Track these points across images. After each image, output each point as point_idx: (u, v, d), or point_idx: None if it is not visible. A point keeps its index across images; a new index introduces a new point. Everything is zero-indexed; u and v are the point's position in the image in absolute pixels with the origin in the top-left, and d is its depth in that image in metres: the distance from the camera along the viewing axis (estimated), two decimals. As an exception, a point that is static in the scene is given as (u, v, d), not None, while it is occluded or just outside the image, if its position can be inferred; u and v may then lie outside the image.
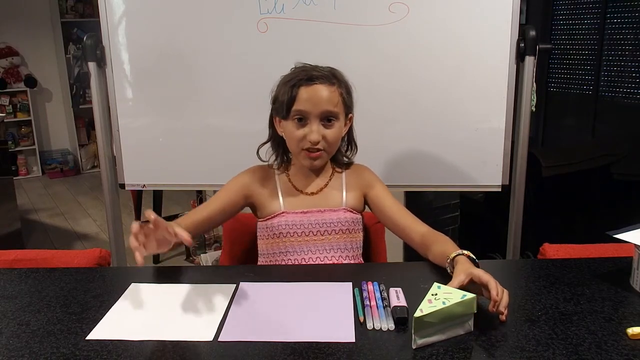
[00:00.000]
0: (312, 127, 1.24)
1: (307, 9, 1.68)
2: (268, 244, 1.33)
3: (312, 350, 0.86)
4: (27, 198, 4.61)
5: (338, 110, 1.26)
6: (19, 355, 0.88)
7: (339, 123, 1.27)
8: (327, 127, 1.25)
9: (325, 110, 1.24)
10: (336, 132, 1.27)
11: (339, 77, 1.28)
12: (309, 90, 1.23)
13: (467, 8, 1.66)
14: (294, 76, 1.26)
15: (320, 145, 1.25)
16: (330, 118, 1.25)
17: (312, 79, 1.24)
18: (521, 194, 1.78)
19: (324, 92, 1.23)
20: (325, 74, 1.26)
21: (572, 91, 4.02)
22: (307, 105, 1.23)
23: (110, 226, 1.93)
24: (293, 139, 1.26)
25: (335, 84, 1.26)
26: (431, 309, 0.86)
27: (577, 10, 3.92)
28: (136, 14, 1.76)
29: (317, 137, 1.23)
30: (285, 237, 1.30)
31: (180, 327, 0.95)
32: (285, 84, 1.26)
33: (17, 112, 5.15)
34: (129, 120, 1.82)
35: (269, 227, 1.32)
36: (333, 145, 1.28)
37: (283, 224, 1.30)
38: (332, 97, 1.24)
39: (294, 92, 1.24)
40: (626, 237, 1.04)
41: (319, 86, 1.24)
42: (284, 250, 1.30)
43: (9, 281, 1.15)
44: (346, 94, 1.28)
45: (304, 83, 1.24)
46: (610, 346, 0.86)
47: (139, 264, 0.95)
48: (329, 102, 1.23)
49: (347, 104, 1.29)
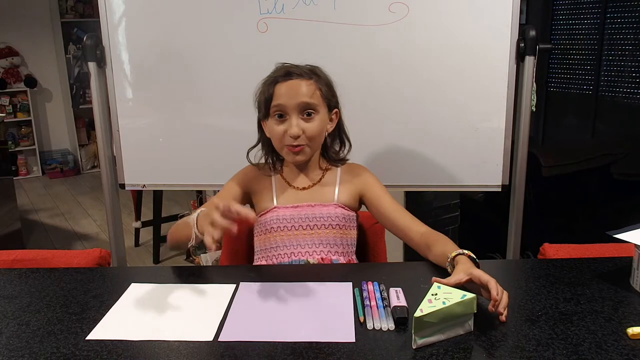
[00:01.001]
0: (291, 122, 1.24)
1: (307, 9, 1.68)
2: (261, 240, 1.34)
3: (312, 350, 0.86)
4: (27, 198, 4.61)
5: (316, 102, 1.26)
6: (19, 355, 0.88)
7: (320, 116, 1.27)
8: (307, 121, 1.25)
9: (301, 102, 1.24)
10: (317, 126, 1.27)
11: (317, 72, 1.30)
12: (286, 85, 1.25)
13: (467, 8, 1.66)
14: (271, 75, 1.29)
15: (301, 139, 1.25)
16: (310, 111, 1.25)
17: (288, 74, 1.26)
18: (521, 194, 1.78)
19: (301, 85, 1.25)
20: (303, 70, 1.27)
21: (572, 91, 4.02)
22: (284, 99, 1.24)
23: (110, 226, 1.93)
24: (275, 135, 1.28)
25: (313, 78, 1.27)
26: (431, 309, 0.86)
27: (577, 10, 3.92)
28: (136, 14, 1.76)
29: (296, 131, 1.24)
30: (275, 231, 1.31)
31: (180, 327, 0.95)
32: (264, 84, 1.29)
33: (17, 112, 5.15)
34: (129, 120, 1.82)
35: (261, 224, 1.33)
36: (315, 140, 1.28)
37: (274, 219, 1.31)
38: (309, 90, 1.25)
39: (271, 90, 1.26)
40: (626, 237, 1.04)
41: (295, 80, 1.25)
42: (274, 245, 1.31)
43: (9, 281, 1.15)
44: (325, 88, 1.29)
45: (280, 79, 1.26)
46: (610, 346, 0.86)
47: (212, 249, 0.99)
48: (305, 95, 1.24)
49: (327, 97, 1.29)
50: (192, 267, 1.26)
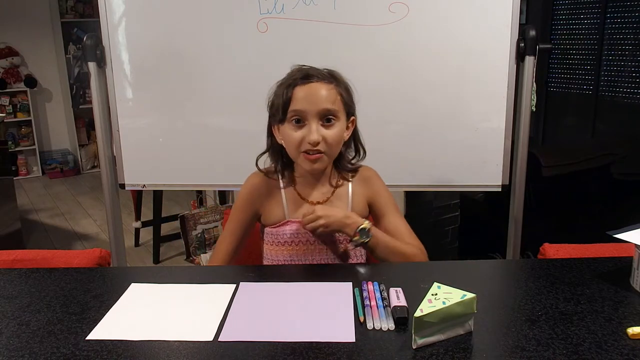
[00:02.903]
0: (310, 128, 1.17)
1: (307, 9, 1.68)
2: (273, 250, 1.31)
3: (312, 350, 0.86)
4: (27, 198, 4.61)
5: (337, 109, 1.19)
6: (19, 355, 0.88)
7: (340, 123, 1.20)
8: (327, 128, 1.18)
9: (323, 109, 1.17)
10: (337, 133, 1.20)
11: (337, 77, 1.23)
12: (305, 89, 1.18)
13: (467, 8, 1.66)
14: (289, 77, 1.21)
15: (320, 146, 1.18)
16: (330, 118, 1.18)
17: (308, 77, 1.19)
18: (521, 194, 1.78)
19: (322, 89, 1.18)
20: (322, 73, 1.21)
21: (572, 91, 4.02)
22: (304, 104, 1.17)
23: (110, 226, 1.93)
24: (291, 142, 1.20)
25: (334, 82, 1.20)
26: (431, 309, 0.85)
27: (577, 10, 3.92)
28: (136, 14, 1.76)
29: (316, 138, 1.16)
30: (290, 245, 1.28)
31: (180, 327, 0.95)
32: (280, 86, 1.21)
33: (17, 112, 5.15)
34: (129, 120, 1.82)
35: (274, 234, 1.29)
36: (334, 147, 1.21)
37: (288, 233, 1.28)
38: (330, 95, 1.18)
39: (289, 93, 1.18)
40: (626, 237, 1.04)
41: (316, 84, 1.18)
42: (288, 259, 1.29)
43: (9, 281, 1.15)
44: (346, 94, 1.22)
45: (299, 82, 1.18)
46: (610, 346, 0.86)
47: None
48: (327, 100, 1.17)
49: (347, 104, 1.22)
50: (192, 267, 1.26)
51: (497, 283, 1.15)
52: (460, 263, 1.26)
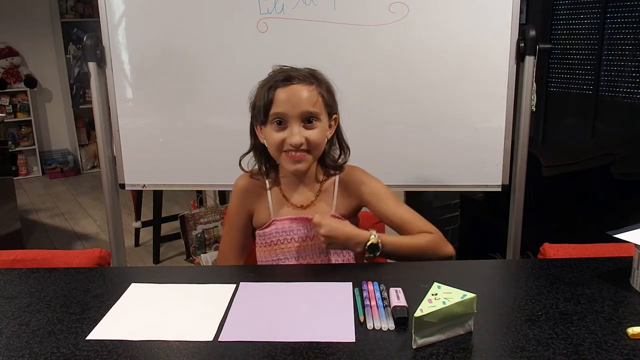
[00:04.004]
0: (292, 130, 1.18)
1: (307, 9, 1.68)
2: (265, 251, 1.31)
3: (312, 350, 0.86)
4: (27, 198, 4.61)
5: (318, 110, 1.20)
6: (19, 355, 0.88)
7: (321, 124, 1.21)
8: (309, 129, 1.19)
9: (304, 111, 1.18)
10: (319, 133, 1.21)
11: (318, 77, 1.23)
12: (286, 91, 1.18)
13: (467, 8, 1.66)
14: (270, 78, 1.21)
15: (303, 147, 1.19)
16: (311, 119, 1.19)
17: (288, 79, 1.19)
18: (521, 194, 1.78)
19: (302, 91, 1.18)
20: (303, 74, 1.20)
21: (572, 91, 4.02)
22: (285, 106, 1.18)
23: (110, 226, 1.93)
24: (273, 143, 1.21)
25: (314, 83, 1.20)
26: (431, 309, 0.86)
27: (577, 10, 3.92)
28: (136, 14, 1.76)
29: (299, 140, 1.18)
30: (277, 244, 1.29)
31: (180, 327, 0.95)
32: (261, 88, 1.22)
33: (17, 112, 5.15)
34: (129, 120, 1.82)
35: (262, 236, 1.31)
36: (317, 148, 1.22)
37: (274, 232, 1.29)
38: (310, 97, 1.19)
39: (270, 95, 1.18)
40: (626, 237, 1.04)
41: (297, 86, 1.18)
42: (282, 257, 1.29)
43: (9, 281, 1.15)
44: (327, 94, 1.22)
45: (280, 84, 1.19)
46: (610, 346, 0.86)
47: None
48: (308, 102, 1.18)
49: (328, 104, 1.23)
50: (192, 267, 1.26)
51: (497, 283, 1.15)
52: (460, 263, 1.26)
